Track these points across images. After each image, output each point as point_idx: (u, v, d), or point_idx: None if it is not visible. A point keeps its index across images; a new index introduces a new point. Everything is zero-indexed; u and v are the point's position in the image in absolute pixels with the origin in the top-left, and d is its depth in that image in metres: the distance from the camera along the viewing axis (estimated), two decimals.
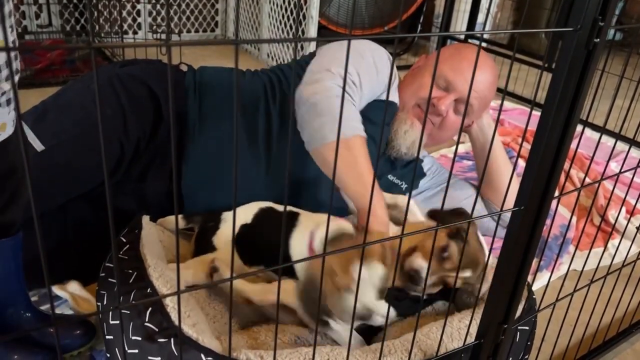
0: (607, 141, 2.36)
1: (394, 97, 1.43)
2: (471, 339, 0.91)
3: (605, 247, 1.34)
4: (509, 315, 0.88)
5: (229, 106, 1.34)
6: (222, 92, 1.37)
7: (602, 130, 0.95)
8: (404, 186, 1.50)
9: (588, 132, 2.44)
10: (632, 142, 1.08)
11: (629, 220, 1.46)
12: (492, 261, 1.02)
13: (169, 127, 1.30)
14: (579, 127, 0.83)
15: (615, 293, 1.19)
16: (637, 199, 1.31)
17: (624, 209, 1.85)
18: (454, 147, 1.73)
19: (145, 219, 1.21)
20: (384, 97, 1.39)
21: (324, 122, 1.16)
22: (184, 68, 1.43)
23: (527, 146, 2.21)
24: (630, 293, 1.28)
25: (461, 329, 0.97)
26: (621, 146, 2.28)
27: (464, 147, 2.15)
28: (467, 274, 1.06)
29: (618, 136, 1.07)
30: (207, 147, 1.32)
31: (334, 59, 1.28)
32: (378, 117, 1.35)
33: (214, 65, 1.47)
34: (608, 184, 2.03)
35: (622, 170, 1.01)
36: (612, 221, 1.76)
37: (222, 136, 1.33)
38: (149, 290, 0.97)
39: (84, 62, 2.42)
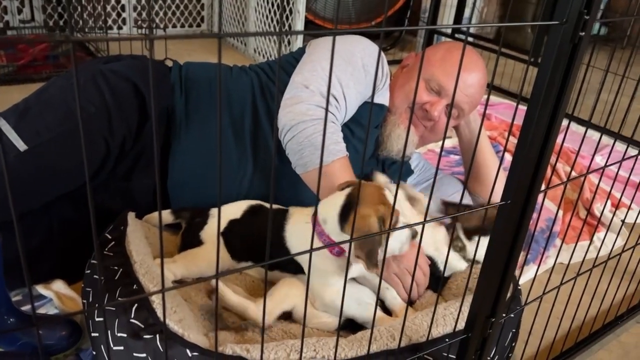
0: (592, 135, 2.38)
1: (384, 98, 1.42)
2: (460, 326, 0.91)
3: (591, 240, 1.35)
4: (497, 308, 0.88)
5: (216, 102, 1.33)
6: (209, 88, 1.35)
7: (587, 124, 0.95)
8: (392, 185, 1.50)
9: (574, 126, 2.46)
10: (617, 136, 1.09)
11: (614, 214, 1.48)
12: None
13: (158, 121, 1.29)
14: (565, 122, 0.84)
15: (601, 286, 1.20)
16: (622, 192, 1.32)
17: (609, 202, 1.87)
18: (441, 142, 1.74)
19: (131, 215, 1.20)
20: (375, 100, 1.38)
21: (302, 151, 1.18)
22: (170, 64, 1.41)
23: (513, 140, 2.23)
24: (615, 286, 1.29)
25: (446, 316, 0.97)
26: (606, 140, 2.31)
27: (451, 142, 2.16)
28: None
29: (603, 130, 1.08)
30: (194, 144, 1.31)
31: (315, 69, 1.26)
32: (370, 120, 1.36)
33: (200, 60, 1.46)
34: (594, 178, 2.05)
35: (607, 164, 1.02)
36: (598, 214, 1.78)
37: (209, 133, 1.31)
38: (134, 286, 0.96)
39: (68, 58, 2.39)
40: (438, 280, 1.14)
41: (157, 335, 0.83)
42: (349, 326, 1.07)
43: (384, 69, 1.41)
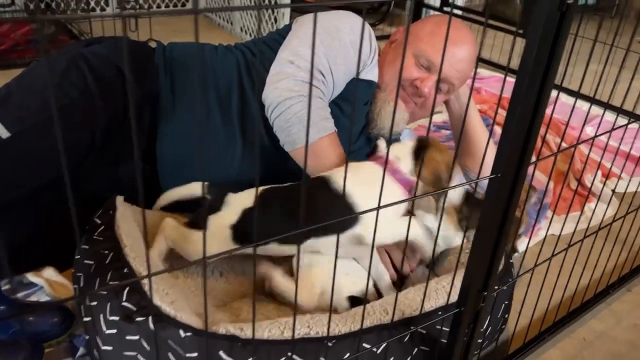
0: (582, 106, 2.37)
1: (373, 74, 1.40)
2: (453, 300, 0.92)
3: (582, 210, 1.35)
4: (489, 282, 0.88)
5: (202, 83, 1.31)
6: (194, 68, 1.33)
7: (577, 95, 0.95)
8: None
9: (563, 97, 2.45)
10: (606, 106, 1.09)
11: (604, 184, 1.48)
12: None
13: (141, 107, 1.27)
14: (554, 93, 0.83)
15: (592, 256, 1.21)
16: (612, 162, 1.32)
17: (599, 172, 1.87)
18: (434, 118, 1.73)
19: (120, 199, 1.19)
20: (364, 76, 1.37)
21: (290, 129, 1.17)
22: (153, 45, 1.39)
23: (502, 113, 2.22)
24: (606, 255, 1.30)
25: (438, 290, 0.98)
26: (596, 110, 2.30)
27: (442, 117, 2.15)
28: None
29: (593, 100, 1.07)
30: (181, 126, 1.29)
31: (300, 45, 1.25)
32: (359, 97, 1.35)
33: (186, 41, 1.43)
34: (584, 148, 2.05)
35: (597, 134, 1.01)
36: (589, 185, 1.79)
37: (196, 115, 1.30)
38: (125, 270, 0.96)
39: (51, 42, 2.34)
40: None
41: (150, 318, 0.82)
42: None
43: (371, 45, 1.39)
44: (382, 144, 1.34)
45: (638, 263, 1.47)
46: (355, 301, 1.09)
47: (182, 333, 0.79)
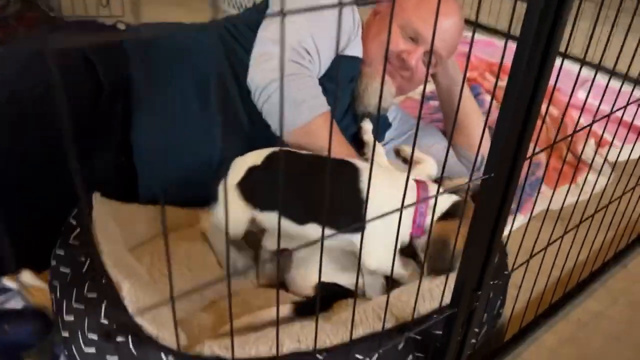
0: (572, 68, 2.30)
1: (358, 50, 1.33)
2: (446, 300, 0.88)
3: (572, 181, 1.30)
4: (483, 281, 0.85)
5: (177, 69, 1.24)
6: (168, 53, 1.26)
7: (582, 62, 0.88)
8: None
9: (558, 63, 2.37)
10: (612, 73, 1.01)
11: (596, 152, 1.40)
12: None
13: (111, 96, 1.20)
14: (558, 61, 0.75)
15: (589, 233, 1.16)
16: (605, 129, 1.25)
17: (592, 141, 1.83)
18: (420, 91, 1.66)
19: (96, 197, 1.13)
20: (348, 52, 1.30)
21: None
22: (122, 27, 1.30)
23: (492, 79, 2.15)
24: (602, 233, 1.26)
25: (432, 289, 0.94)
26: (588, 74, 2.22)
27: (429, 88, 2.07)
28: None
29: (598, 67, 1.00)
30: (156, 115, 1.22)
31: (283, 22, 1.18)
32: (344, 74, 1.29)
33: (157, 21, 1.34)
34: (575, 114, 1.99)
35: (613, 110, 0.96)
36: (584, 157, 1.74)
37: (172, 102, 1.23)
38: (103, 280, 0.91)
39: (19, 20, 2.22)
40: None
41: (130, 338, 0.78)
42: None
43: (354, 18, 1.32)
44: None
45: (634, 237, 1.44)
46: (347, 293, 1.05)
47: (163, 356, 0.75)
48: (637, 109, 1.24)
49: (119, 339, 0.79)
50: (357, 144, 1.28)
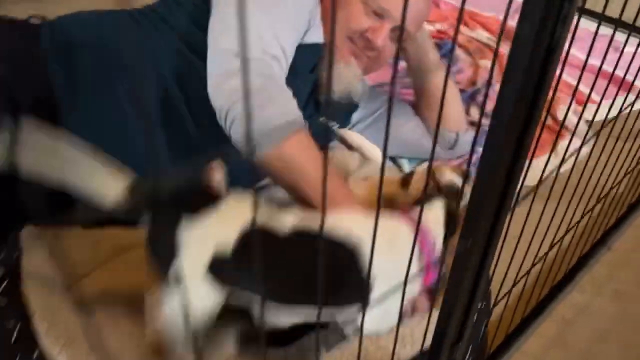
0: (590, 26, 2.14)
1: (318, 35, 1.17)
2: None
3: (553, 149, 1.16)
4: (463, 333, 0.76)
5: (105, 69, 1.07)
6: (92, 51, 1.08)
7: (600, 17, 0.73)
8: (337, 126, 1.31)
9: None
10: (632, 28, 0.86)
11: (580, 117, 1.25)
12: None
13: (33, 107, 1.04)
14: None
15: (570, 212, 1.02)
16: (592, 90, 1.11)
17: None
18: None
19: (25, 234, 1.00)
20: (308, 40, 1.15)
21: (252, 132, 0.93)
22: (37, 22, 1.11)
23: (467, 32, 1.99)
24: (583, 214, 1.14)
25: (414, 332, 0.85)
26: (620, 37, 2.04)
27: (401, 63, 1.90)
28: None
29: (618, 22, 0.84)
30: (86, 123, 1.07)
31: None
32: (304, 65, 1.15)
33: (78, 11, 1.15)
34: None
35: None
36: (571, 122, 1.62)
37: (102, 107, 1.07)
38: (36, 354, 0.80)
39: None
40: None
41: None
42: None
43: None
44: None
45: (622, 212, 1.35)
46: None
47: None
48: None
49: None
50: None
